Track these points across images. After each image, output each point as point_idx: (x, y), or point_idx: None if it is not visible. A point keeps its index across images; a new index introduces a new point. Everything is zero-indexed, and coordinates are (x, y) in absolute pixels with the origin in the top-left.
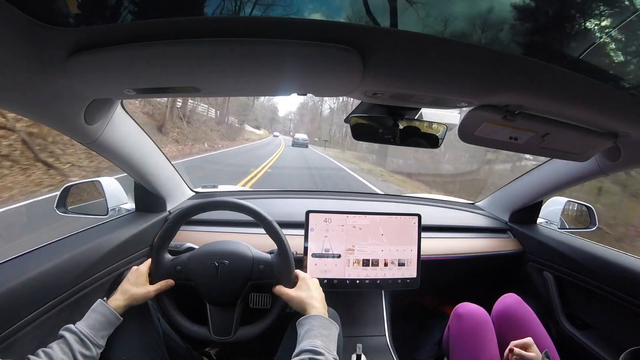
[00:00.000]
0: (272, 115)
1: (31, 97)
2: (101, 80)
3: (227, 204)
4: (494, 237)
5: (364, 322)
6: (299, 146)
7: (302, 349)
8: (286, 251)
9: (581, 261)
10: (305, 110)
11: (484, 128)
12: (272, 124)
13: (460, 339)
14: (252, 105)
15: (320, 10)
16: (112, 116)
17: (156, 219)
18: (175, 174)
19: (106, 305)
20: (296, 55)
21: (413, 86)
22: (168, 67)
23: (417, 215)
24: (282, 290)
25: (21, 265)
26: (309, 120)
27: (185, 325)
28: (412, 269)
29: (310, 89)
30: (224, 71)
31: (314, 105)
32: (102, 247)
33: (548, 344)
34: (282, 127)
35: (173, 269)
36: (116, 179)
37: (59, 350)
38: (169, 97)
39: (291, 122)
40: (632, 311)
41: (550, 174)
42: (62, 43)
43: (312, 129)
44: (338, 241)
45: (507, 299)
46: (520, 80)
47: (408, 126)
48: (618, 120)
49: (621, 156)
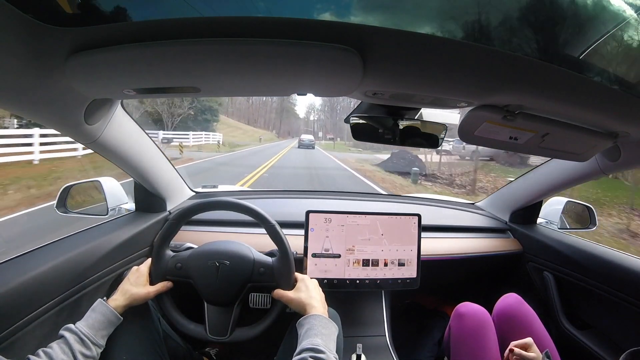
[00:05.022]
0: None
1: (31, 97)
2: (101, 80)
3: (228, 204)
4: (494, 237)
5: (364, 322)
6: (304, 147)
7: (303, 348)
8: (287, 254)
9: (581, 261)
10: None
11: (484, 128)
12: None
13: (461, 339)
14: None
15: (321, 10)
16: (112, 116)
17: (156, 219)
18: (175, 174)
19: (106, 305)
20: (296, 55)
21: (413, 86)
22: (168, 67)
23: (417, 215)
24: (282, 294)
25: (21, 265)
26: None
27: (183, 323)
28: (412, 269)
29: (310, 89)
30: (224, 71)
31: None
32: (102, 247)
33: (549, 344)
34: (305, 128)
35: (173, 265)
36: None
37: (59, 350)
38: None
39: (315, 124)
40: (632, 311)
41: (550, 174)
42: (62, 43)
43: (335, 130)
44: (338, 241)
45: (509, 299)
46: (520, 80)
47: (408, 126)
48: (618, 120)
49: (621, 156)
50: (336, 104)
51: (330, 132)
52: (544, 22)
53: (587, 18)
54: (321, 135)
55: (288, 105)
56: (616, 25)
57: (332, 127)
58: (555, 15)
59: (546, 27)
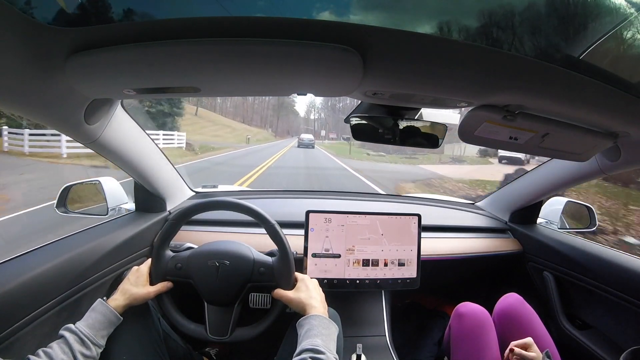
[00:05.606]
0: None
1: (31, 97)
2: (101, 80)
3: (228, 204)
4: (494, 237)
5: (364, 322)
6: (304, 147)
7: (303, 349)
8: (287, 255)
9: (581, 261)
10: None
11: (484, 128)
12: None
13: (461, 338)
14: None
15: (321, 10)
16: (112, 116)
17: (156, 219)
18: (175, 173)
19: (106, 305)
20: (296, 55)
21: (413, 86)
22: (168, 67)
23: (417, 215)
24: (282, 294)
25: (21, 265)
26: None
27: (183, 323)
28: (412, 269)
29: (310, 89)
30: (224, 71)
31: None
32: (102, 247)
33: (549, 343)
34: (305, 127)
35: (173, 265)
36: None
37: (59, 350)
38: (169, 97)
39: (315, 122)
40: (632, 311)
41: (550, 174)
42: (62, 43)
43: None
44: (338, 241)
45: (509, 298)
46: (520, 80)
47: (408, 126)
48: (618, 120)
49: (621, 156)
50: (338, 102)
51: (333, 131)
52: (544, 22)
53: (587, 18)
54: (324, 134)
55: (288, 102)
56: (616, 25)
57: (335, 124)
58: (556, 15)
59: (546, 27)
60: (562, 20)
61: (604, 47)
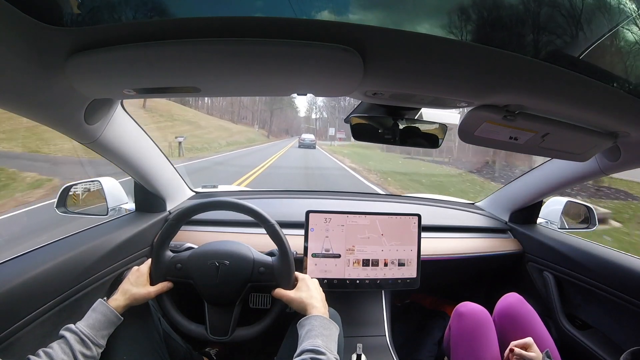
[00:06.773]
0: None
1: (31, 97)
2: (101, 81)
3: (227, 204)
4: (494, 237)
5: (364, 322)
6: (305, 147)
7: (304, 349)
8: (287, 254)
9: (581, 261)
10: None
11: (484, 128)
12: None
13: (461, 338)
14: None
15: (321, 10)
16: (112, 116)
17: (156, 219)
18: (175, 174)
19: (106, 305)
20: (296, 55)
21: (413, 86)
22: (168, 67)
23: (417, 215)
24: (282, 293)
25: (21, 265)
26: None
27: (183, 323)
28: (412, 269)
29: (310, 89)
30: (224, 71)
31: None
32: (102, 247)
33: (549, 343)
34: (307, 126)
35: (173, 266)
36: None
37: (60, 350)
38: (169, 97)
39: (317, 122)
40: (632, 311)
41: (550, 174)
42: (62, 43)
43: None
44: (338, 241)
45: (510, 298)
46: (520, 80)
47: (408, 126)
48: (618, 120)
49: (621, 156)
50: (343, 99)
51: (341, 130)
52: (544, 22)
53: (587, 18)
54: (332, 132)
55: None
56: (616, 25)
57: (341, 122)
58: (555, 15)
59: (546, 27)
60: (562, 20)
61: (604, 47)
